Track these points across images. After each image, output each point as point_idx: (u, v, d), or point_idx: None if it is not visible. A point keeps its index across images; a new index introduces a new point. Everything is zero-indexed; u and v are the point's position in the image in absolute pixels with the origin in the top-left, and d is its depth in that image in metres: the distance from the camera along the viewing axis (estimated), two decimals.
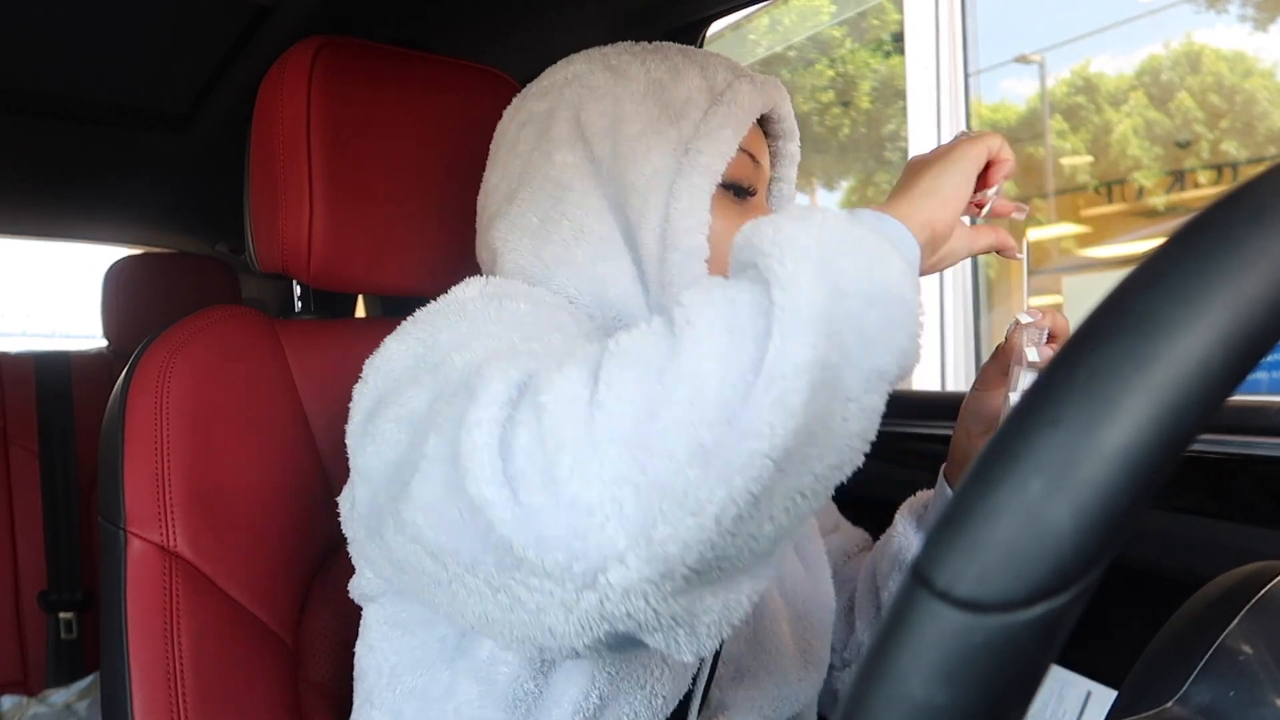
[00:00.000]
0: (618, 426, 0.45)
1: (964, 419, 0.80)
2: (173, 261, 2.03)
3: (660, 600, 0.46)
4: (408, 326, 0.64)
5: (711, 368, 0.45)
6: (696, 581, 0.46)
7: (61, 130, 1.55)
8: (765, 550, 0.48)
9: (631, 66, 0.74)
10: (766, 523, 0.46)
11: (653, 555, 0.44)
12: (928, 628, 0.22)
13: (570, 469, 0.45)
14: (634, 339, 0.48)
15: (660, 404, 0.45)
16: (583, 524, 0.45)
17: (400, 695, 0.69)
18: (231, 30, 1.21)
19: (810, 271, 0.45)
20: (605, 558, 0.45)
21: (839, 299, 0.45)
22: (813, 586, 0.84)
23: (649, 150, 0.70)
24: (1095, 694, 0.86)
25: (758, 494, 0.44)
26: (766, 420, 0.43)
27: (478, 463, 0.47)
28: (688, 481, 0.44)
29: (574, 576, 0.45)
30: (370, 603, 0.72)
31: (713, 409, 0.44)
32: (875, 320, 0.46)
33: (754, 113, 0.72)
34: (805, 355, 0.44)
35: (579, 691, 0.65)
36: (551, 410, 0.46)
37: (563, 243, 0.72)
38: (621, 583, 0.45)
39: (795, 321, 0.44)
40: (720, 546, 0.45)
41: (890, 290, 0.47)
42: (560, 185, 0.72)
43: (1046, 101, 4.09)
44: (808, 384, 0.44)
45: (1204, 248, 0.22)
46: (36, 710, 1.55)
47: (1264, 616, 0.41)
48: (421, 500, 0.51)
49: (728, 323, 0.46)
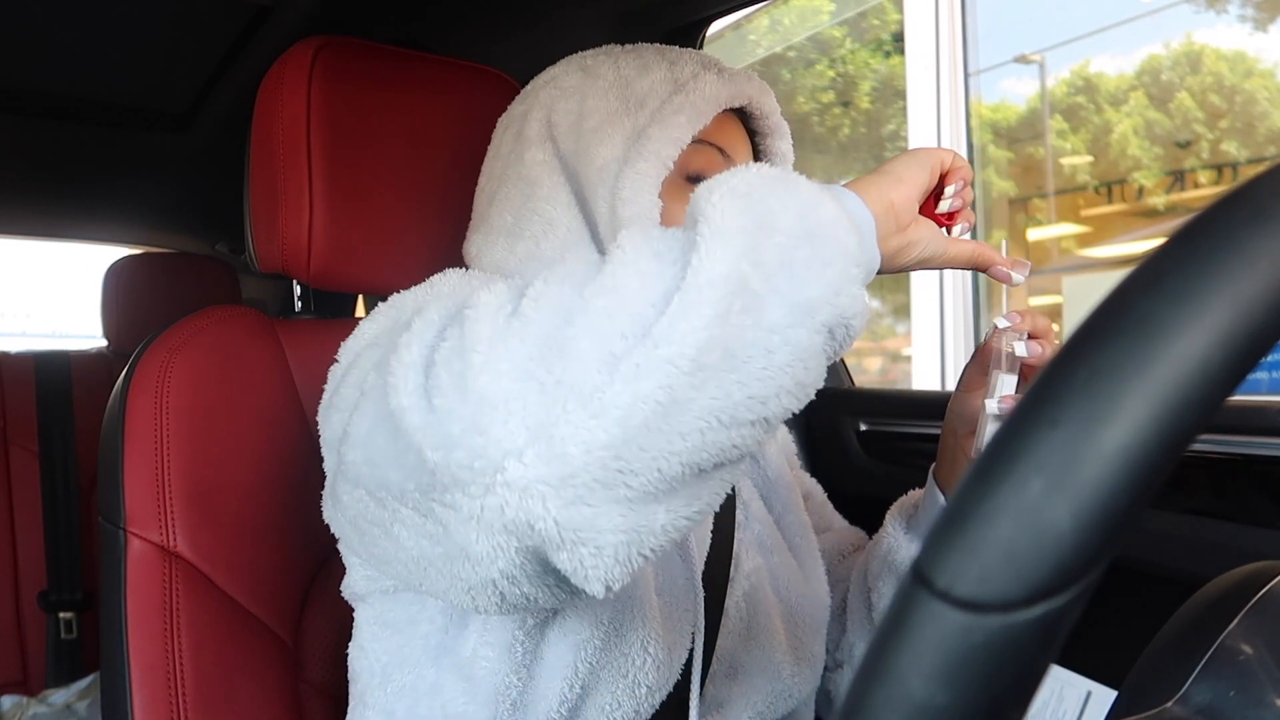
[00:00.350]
0: (532, 329, 0.47)
1: (949, 420, 0.80)
2: (173, 261, 2.03)
3: (560, 507, 0.45)
4: (381, 307, 0.66)
5: (633, 284, 0.46)
6: (601, 494, 0.45)
7: (61, 130, 1.55)
8: (677, 477, 0.47)
9: (603, 66, 0.76)
10: (676, 438, 0.45)
11: (552, 454, 0.44)
12: (928, 628, 0.22)
13: (480, 366, 0.46)
14: (565, 270, 0.50)
15: (577, 311, 0.46)
16: (485, 419, 0.45)
17: (391, 694, 0.69)
18: (231, 30, 1.21)
19: (738, 205, 0.47)
20: (505, 453, 0.45)
21: (766, 233, 0.47)
22: (806, 584, 0.84)
23: (602, 141, 0.71)
24: (1095, 694, 0.86)
25: (665, 403, 0.44)
26: (677, 328, 0.44)
27: (401, 377, 0.49)
28: (594, 385, 0.45)
29: (475, 475, 0.46)
30: (360, 602, 0.73)
31: (628, 320, 0.45)
32: (803, 256, 0.47)
33: (717, 103, 0.72)
34: (720, 269, 0.45)
35: (562, 683, 0.66)
36: (473, 320, 0.48)
37: (533, 238, 0.74)
38: (520, 480, 0.45)
39: (714, 241, 0.46)
40: (626, 457, 0.45)
41: (821, 230, 0.48)
42: (530, 182, 0.74)
43: (1046, 101, 4.09)
44: (721, 296, 0.45)
45: (1204, 248, 0.22)
46: (36, 710, 1.55)
47: (1264, 616, 0.41)
48: (357, 435, 0.53)
49: (655, 250, 0.48)
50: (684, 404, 0.45)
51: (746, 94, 0.75)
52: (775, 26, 5.01)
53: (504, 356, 0.46)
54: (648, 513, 0.47)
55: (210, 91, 1.41)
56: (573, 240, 0.72)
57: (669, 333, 0.44)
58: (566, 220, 0.73)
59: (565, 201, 0.73)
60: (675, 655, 0.70)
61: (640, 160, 0.69)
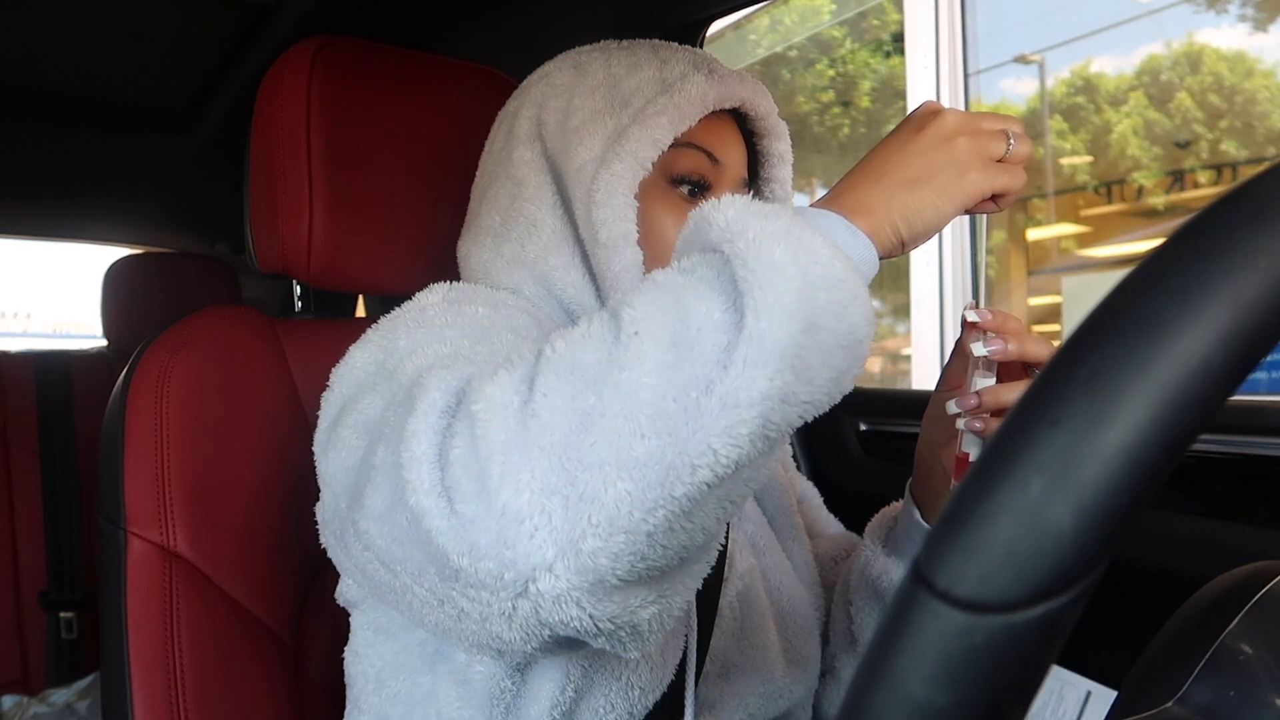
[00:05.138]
0: (549, 436, 0.44)
1: (925, 428, 0.75)
2: (173, 261, 2.03)
3: (595, 606, 0.46)
4: (370, 334, 0.64)
5: (651, 382, 0.44)
6: (631, 584, 0.46)
7: (61, 130, 1.55)
8: (698, 550, 0.48)
9: (595, 63, 0.75)
10: (699, 533, 0.46)
11: (582, 566, 0.44)
12: (928, 628, 0.22)
13: (501, 477, 0.44)
14: (573, 343, 0.47)
15: (594, 415, 0.44)
16: (512, 533, 0.44)
17: (385, 700, 0.69)
18: (231, 30, 1.21)
19: (791, 305, 0.43)
20: (534, 567, 0.45)
21: (812, 334, 0.43)
22: (798, 585, 0.84)
23: (583, 141, 0.70)
24: (1095, 694, 0.86)
25: (690, 510, 0.44)
26: (712, 447, 0.43)
27: (416, 474, 0.47)
28: (619, 495, 0.43)
29: (505, 585, 0.45)
30: (354, 608, 0.73)
31: (647, 421, 0.43)
32: (841, 360, 0.45)
33: (704, 104, 0.71)
34: (763, 388, 0.43)
35: (555, 687, 0.65)
36: (483, 419, 0.46)
37: (518, 240, 0.73)
38: (552, 592, 0.45)
39: (764, 353, 0.43)
40: (650, 557, 0.45)
41: (854, 332, 0.45)
42: (517, 181, 0.74)
43: (1046, 101, 4.09)
44: (761, 415, 0.43)
45: (1205, 247, 0.22)
46: (37, 710, 1.55)
47: (1264, 616, 0.41)
48: (373, 509, 0.51)
49: (675, 336, 0.44)
50: (705, 503, 0.45)
51: (738, 95, 0.73)
52: (775, 26, 5.01)
53: (524, 467, 0.44)
54: (670, 583, 0.49)
55: (210, 91, 1.41)
56: (555, 242, 0.72)
57: (702, 450, 0.43)
58: (551, 222, 0.72)
59: (550, 202, 0.72)
60: (669, 656, 0.70)
61: (617, 161, 0.68)
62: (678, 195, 0.73)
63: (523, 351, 0.51)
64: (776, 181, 0.81)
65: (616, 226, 0.68)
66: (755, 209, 0.46)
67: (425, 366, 0.55)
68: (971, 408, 0.65)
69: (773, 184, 0.81)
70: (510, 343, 0.59)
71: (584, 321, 0.48)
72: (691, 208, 0.73)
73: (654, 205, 0.71)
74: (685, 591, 0.50)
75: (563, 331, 0.49)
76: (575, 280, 0.71)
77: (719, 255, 0.46)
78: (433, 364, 0.55)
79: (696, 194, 0.73)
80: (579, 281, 0.72)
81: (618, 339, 0.45)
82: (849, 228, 0.50)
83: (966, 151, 0.53)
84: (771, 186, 0.81)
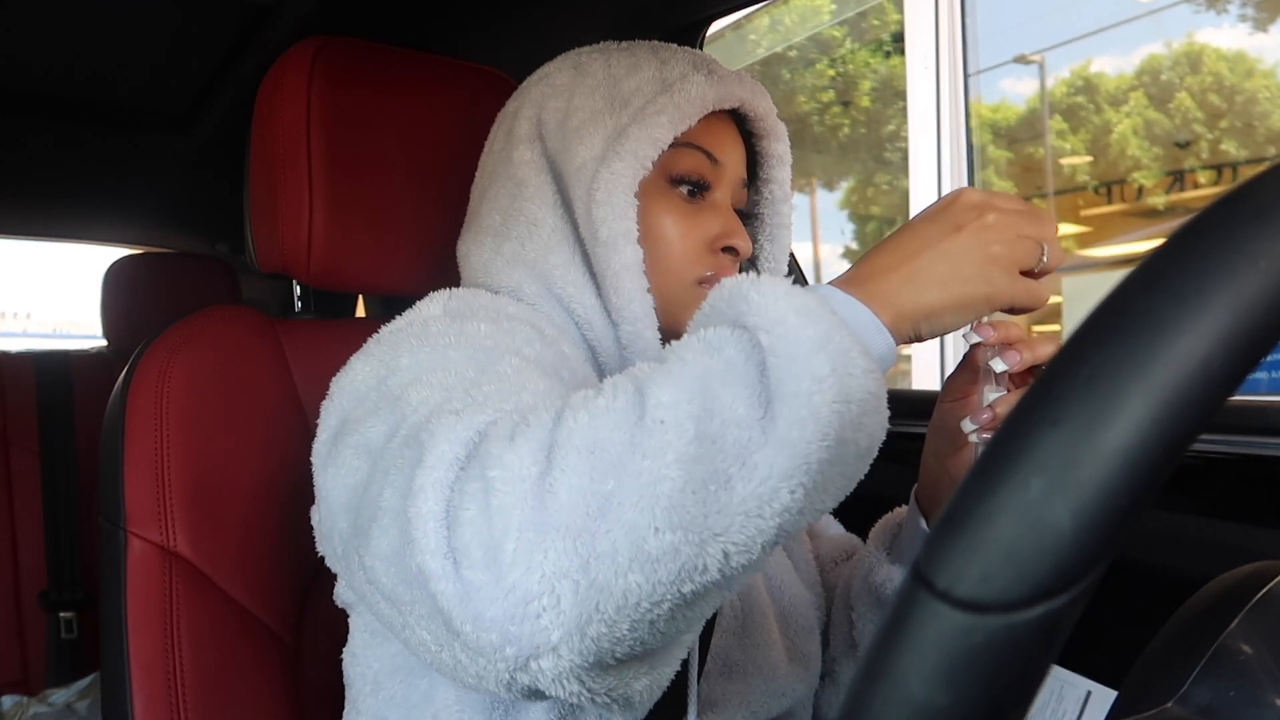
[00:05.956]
0: (565, 518, 0.44)
1: (931, 439, 0.74)
2: (173, 261, 2.03)
3: (593, 681, 0.47)
4: (371, 346, 0.64)
5: (672, 474, 0.43)
6: (628, 663, 0.48)
7: (61, 130, 1.55)
8: (692, 628, 0.49)
9: (595, 63, 0.75)
10: (697, 620, 0.47)
11: (585, 649, 0.45)
12: (929, 628, 0.22)
13: (514, 555, 0.44)
14: (595, 417, 0.46)
15: (612, 502, 0.44)
16: (519, 611, 0.44)
17: (383, 702, 0.69)
18: (231, 30, 1.21)
19: (824, 419, 0.43)
20: (538, 647, 0.45)
21: (838, 447, 0.43)
22: (798, 585, 0.84)
23: (583, 140, 0.70)
24: (1095, 694, 0.86)
25: (693, 602, 0.46)
26: (726, 551, 0.44)
27: (423, 532, 0.46)
28: (629, 586, 0.43)
29: (507, 659, 0.45)
30: (353, 610, 0.73)
31: (663, 515, 0.43)
32: (855, 470, 0.45)
33: (704, 105, 0.71)
34: (785, 501, 0.43)
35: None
36: (499, 489, 0.45)
37: (518, 239, 0.73)
38: (553, 670, 0.45)
39: (792, 464, 0.43)
40: (651, 643, 0.46)
41: (871, 442, 0.46)
42: (517, 181, 0.74)
43: (1046, 101, 4.09)
44: (779, 526, 0.44)
45: (1205, 248, 0.22)
46: (36, 710, 1.55)
47: (1264, 616, 0.41)
48: (379, 550, 0.51)
49: (699, 428, 0.44)
50: (707, 596, 0.46)
51: (737, 96, 0.74)
52: (776, 26, 5.01)
53: (538, 549, 0.44)
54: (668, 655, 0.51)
55: (210, 91, 1.41)
56: (555, 241, 0.72)
57: (716, 555, 0.43)
58: (551, 221, 0.72)
59: (550, 202, 0.72)
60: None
61: (617, 160, 0.68)
62: (677, 195, 0.73)
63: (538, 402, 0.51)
64: (775, 182, 0.81)
65: (616, 225, 0.68)
66: (796, 303, 0.45)
67: (434, 406, 0.53)
68: (986, 422, 0.63)
69: (771, 185, 0.81)
70: (518, 371, 0.58)
71: (608, 390, 0.47)
72: (692, 208, 0.73)
73: (653, 204, 0.71)
74: (674, 662, 0.52)
75: (584, 398, 0.48)
76: (575, 279, 0.72)
77: (747, 337, 0.46)
78: (440, 404, 0.53)
79: (696, 194, 0.74)
80: (579, 280, 0.72)
81: (641, 422, 0.45)
82: (878, 327, 0.50)
83: (999, 264, 0.53)
84: (770, 187, 0.81)
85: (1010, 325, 0.63)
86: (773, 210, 0.82)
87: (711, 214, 0.74)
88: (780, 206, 0.82)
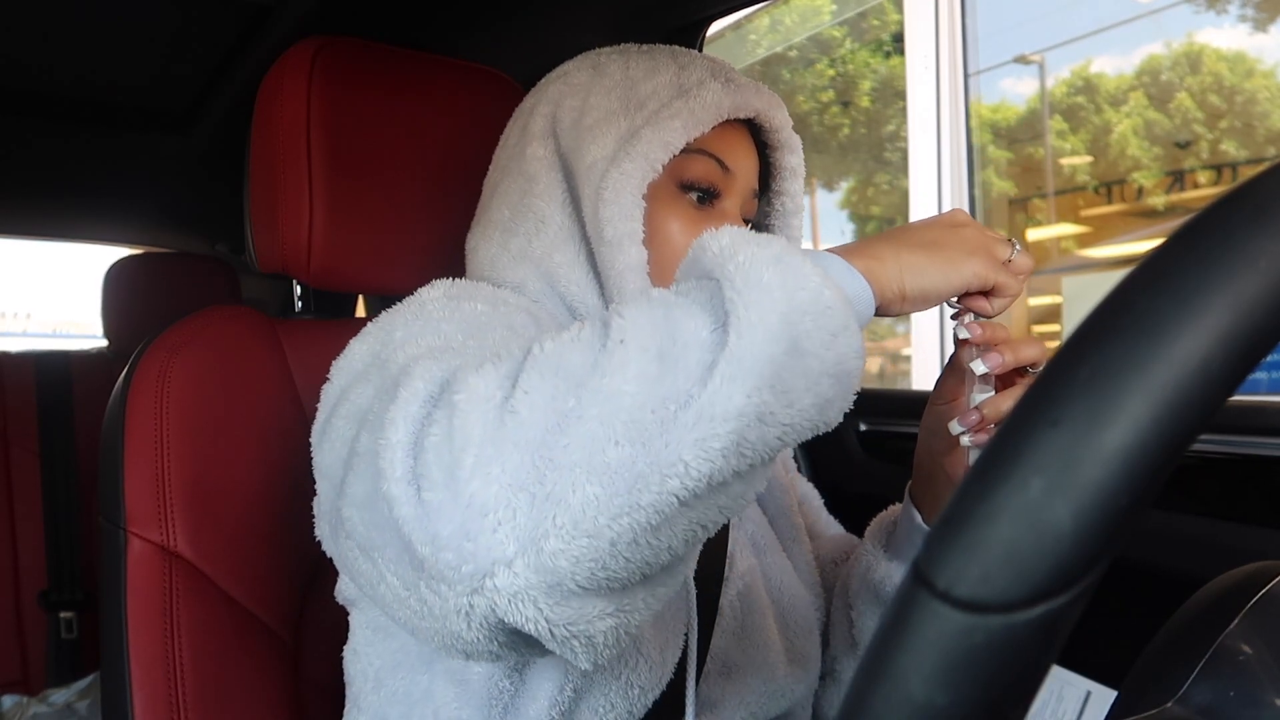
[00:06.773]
0: (525, 433, 0.44)
1: (924, 438, 0.74)
2: (173, 261, 2.03)
3: (552, 609, 0.46)
4: (370, 327, 0.64)
5: (631, 390, 0.44)
6: (589, 593, 0.46)
7: (61, 130, 1.55)
8: (662, 570, 0.48)
9: (614, 64, 0.75)
10: (664, 552, 0.46)
11: (541, 565, 0.44)
12: (928, 628, 0.22)
13: (472, 468, 0.45)
14: (561, 345, 0.47)
15: (572, 417, 0.44)
16: (475, 525, 0.44)
17: (384, 699, 0.69)
18: (231, 30, 1.21)
19: (774, 325, 0.43)
20: (494, 561, 0.44)
21: (796, 357, 0.44)
22: (798, 586, 0.84)
23: (595, 139, 0.70)
24: (1095, 694, 0.86)
25: (658, 525, 0.44)
26: (683, 458, 0.43)
27: (389, 460, 0.47)
28: (585, 499, 0.43)
29: (463, 578, 0.45)
30: (353, 606, 0.73)
31: (622, 429, 0.43)
32: (827, 389, 0.45)
33: (719, 112, 0.71)
34: (739, 404, 0.43)
35: (553, 686, 0.65)
36: (463, 409, 0.46)
37: (526, 235, 0.73)
38: (509, 588, 0.45)
39: (743, 369, 0.43)
40: (612, 567, 0.45)
41: (843, 362, 0.46)
42: (528, 178, 0.74)
43: (1046, 101, 4.09)
44: (735, 430, 0.43)
45: (1204, 248, 0.22)
46: (37, 710, 1.55)
47: (1264, 616, 0.41)
48: (354, 496, 0.51)
49: (661, 348, 0.45)
50: (674, 521, 0.45)
51: (753, 106, 0.74)
52: (776, 26, 5.01)
53: (495, 461, 0.44)
54: (632, 597, 0.48)
55: (210, 91, 1.41)
56: (562, 239, 0.72)
57: (673, 461, 0.43)
58: (559, 219, 0.72)
59: (560, 199, 0.73)
60: (668, 655, 0.70)
61: (627, 160, 0.68)
62: (686, 201, 0.73)
63: (513, 348, 0.51)
64: (787, 195, 0.81)
65: (622, 225, 0.69)
66: (750, 236, 0.47)
67: (415, 356, 0.55)
68: (974, 424, 0.64)
69: (783, 197, 0.81)
70: (503, 338, 0.59)
71: (576, 325, 0.49)
72: (701, 216, 0.73)
73: (661, 208, 0.71)
74: (645, 610, 0.50)
75: (554, 332, 0.49)
76: (579, 278, 0.72)
77: (713, 281, 0.47)
78: (422, 354, 0.55)
79: (705, 201, 0.74)
80: (582, 279, 0.72)
81: (604, 345, 0.46)
82: (847, 267, 0.52)
83: (975, 241, 0.57)
84: (782, 200, 0.81)
85: (996, 326, 0.64)
86: (784, 223, 0.82)
87: (720, 222, 0.73)
88: (791, 219, 0.82)
